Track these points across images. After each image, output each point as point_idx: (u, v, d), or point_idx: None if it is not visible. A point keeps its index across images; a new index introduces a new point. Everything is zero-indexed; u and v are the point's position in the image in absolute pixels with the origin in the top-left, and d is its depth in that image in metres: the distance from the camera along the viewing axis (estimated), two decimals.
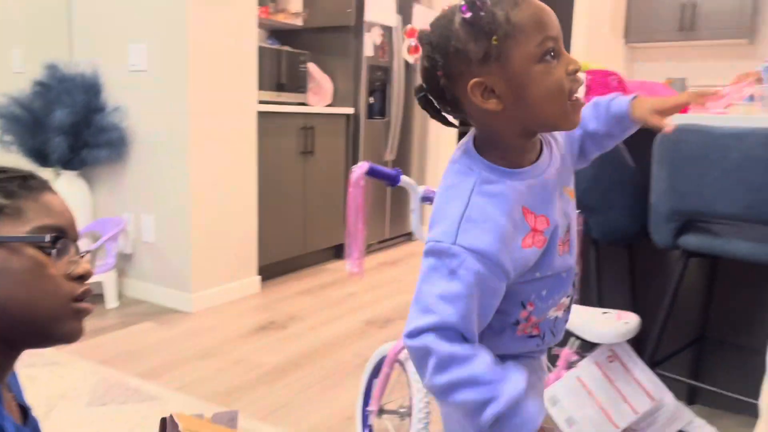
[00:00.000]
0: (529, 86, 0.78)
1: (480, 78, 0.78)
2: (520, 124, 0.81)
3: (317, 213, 3.76)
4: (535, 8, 0.79)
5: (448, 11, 0.82)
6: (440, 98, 0.85)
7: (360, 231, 1.38)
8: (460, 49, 0.78)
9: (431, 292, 0.80)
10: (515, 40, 0.77)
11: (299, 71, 3.72)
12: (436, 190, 0.93)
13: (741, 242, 1.56)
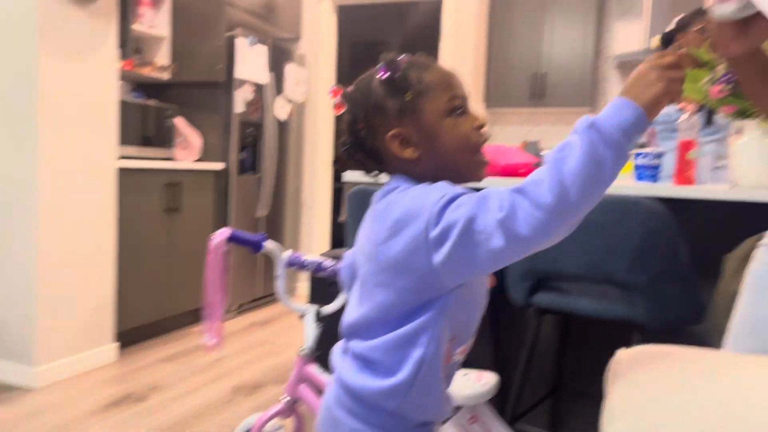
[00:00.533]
0: (441, 137, 0.89)
1: (397, 129, 0.89)
2: (433, 171, 0.89)
3: (183, 273, 3.59)
4: (444, 72, 0.93)
5: (369, 72, 0.94)
6: (362, 150, 0.94)
7: (219, 301, 1.33)
8: (379, 105, 0.90)
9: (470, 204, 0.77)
10: (427, 96, 0.89)
11: (165, 126, 3.60)
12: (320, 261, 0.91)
13: (585, 300, 1.68)
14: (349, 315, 0.95)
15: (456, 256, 0.78)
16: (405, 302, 0.86)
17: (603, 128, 0.72)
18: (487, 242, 0.75)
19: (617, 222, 1.54)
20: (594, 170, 0.71)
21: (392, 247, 0.84)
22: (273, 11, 4.33)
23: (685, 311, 1.62)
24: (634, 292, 1.58)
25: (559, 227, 0.74)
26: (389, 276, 0.86)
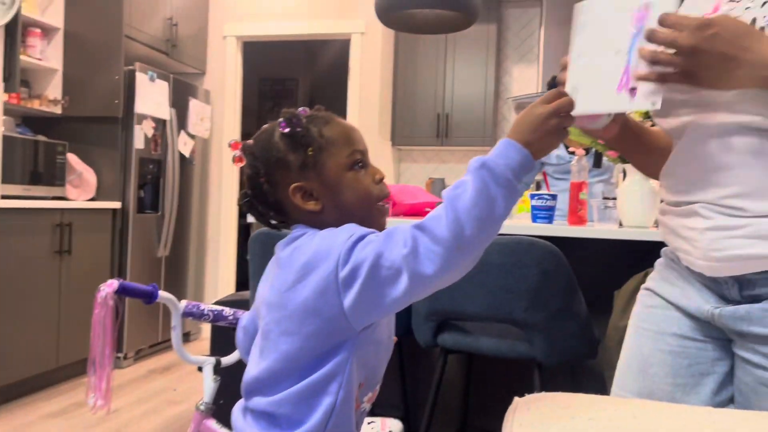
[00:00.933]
0: (342, 190, 0.91)
1: (300, 183, 0.90)
2: (337, 223, 0.89)
3: (76, 319, 3.34)
4: (344, 126, 0.95)
5: (269, 126, 0.95)
6: (263, 203, 0.95)
7: (107, 357, 1.24)
8: (281, 159, 0.91)
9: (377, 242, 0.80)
10: (328, 151, 0.91)
11: (57, 163, 3.39)
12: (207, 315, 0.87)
13: (486, 339, 1.72)
14: (250, 372, 0.92)
15: (365, 295, 0.79)
16: (312, 348, 0.85)
17: (493, 168, 0.77)
18: (393, 279, 0.77)
19: (515, 263, 1.59)
20: (486, 207, 0.76)
21: (300, 292, 0.83)
22: (176, 46, 4.22)
23: (581, 347, 1.69)
24: (532, 330, 1.63)
25: (458, 263, 0.77)
26: (296, 322, 0.85)
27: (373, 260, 0.78)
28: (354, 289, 0.80)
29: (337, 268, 0.80)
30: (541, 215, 1.96)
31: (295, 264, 0.85)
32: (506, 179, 0.77)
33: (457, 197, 0.76)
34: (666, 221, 0.97)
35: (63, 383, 3.32)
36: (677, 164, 0.94)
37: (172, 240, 4.11)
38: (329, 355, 0.84)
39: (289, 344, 0.85)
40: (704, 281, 0.93)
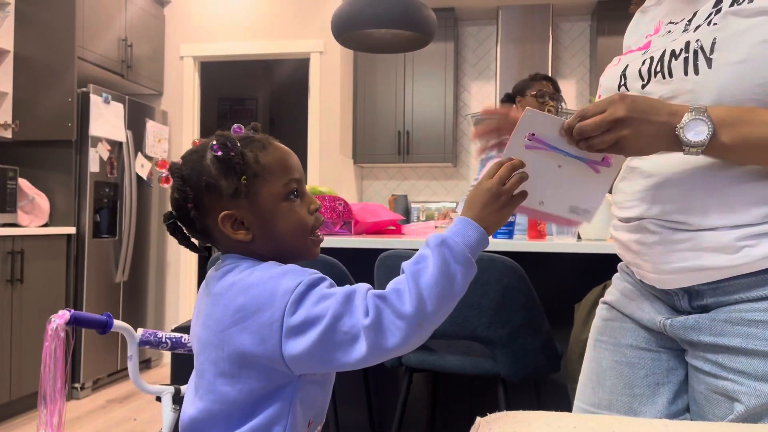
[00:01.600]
0: (276, 221, 0.86)
1: (230, 211, 0.85)
2: (267, 253, 0.87)
3: (30, 351, 3.22)
4: (282, 152, 0.89)
5: (200, 147, 0.88)
6: (190, 226, 0.89)
7: (59, 391, 1.19)
8: (212, 184, 0.85)
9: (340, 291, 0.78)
10: (263, 179, 0.85)
11: (7, 188, 3.28)
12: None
13: (451, 356, 1.71)
14: (186, 411, 0.87)
15: (313, 352, 0.76)
16: (251, 392, 0.80)
17: (452, 246, 0.78)
18: (349, 345, 0.75)
19: (476, 280, 1.58)
20: (447, 284, 0.77)
21: (237, 336, 0.79)
22: (131, 67, 4.16)
23: (543, 362, 1.70)
24: (496, 347, 1.63)
25: (418, 337, 0.77)
26: (233, 366, 0.80)
27: (329, 321, 0.75)
28: (301, 343, 0.76)
29: (283, 317, 0.76)
30: (501, 231, 1.98)
31: (230, 304, 0.80)
32: (465, 257, 0.79)
33: (419, 273, 0.76)
34: (618, 236, 0.99)
35: (17, 417, 3.19)
36: (625, 180, 0.97)
37: (131, 265, 4.01)
38: (270, 398, 0.81)
39: (227, 386, 0.81)
40: (657, 293, 0.95)
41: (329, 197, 2.38)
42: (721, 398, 0.86)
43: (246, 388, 0.80)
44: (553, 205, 0.92)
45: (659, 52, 0.90)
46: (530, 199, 0.90)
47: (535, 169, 0.89)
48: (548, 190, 0.91)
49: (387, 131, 4.83)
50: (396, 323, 0.74)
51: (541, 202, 0.92)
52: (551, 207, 0.92)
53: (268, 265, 0.83)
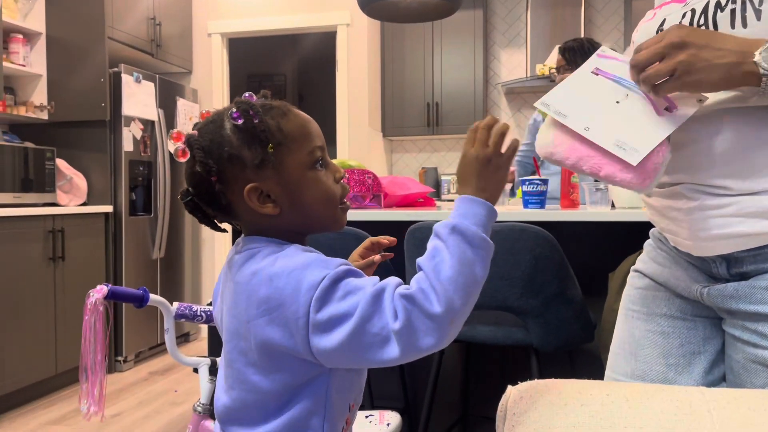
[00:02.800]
0: (304, 192, 0.82)
1: (256, 183, 0.80)
2: (294, 226, 0.84)
3: (73, 326, 3.33)
4: (303, 119, 0.84)
5: (216, 117, 0.83)
6: (211, 202, 0.84)
7: (99, 364, 1.23)
8: (234, 155, 0.79)
9: (367, 288, 0.73)
10: (288, 148, 0.81)
11: (46, 169, 3.37)
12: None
13: (482, 327, 1.71)
14: (220, 398, 0.85)
15: (343, 350, 0.73)
16: (284, 383, 0.78)
17: (464, 231, 0.73)
18: (380, 347, 0.72)
19: (508, 250, 1.58)
20: (470, 273, 0.73)
21: (264, 328, 0.76)
22: (161, 46, 4.19)
23: (577, 332, 1.69)
24: (528, 317, 1.62)
25: (452, 333, 0.74)
26: (263, 357, 0.77)
27: (357, 322, 0.71)
28: (329, 340, 0.72)
29: (309, 313, 0.73)
30: (533, 201, 1.96)
31: (253, 295, 0.77)
32: (480, 239, 0.74)
33: (439, 268, 0.72)
34: (652, 203, 0.96)
35: (62, 390, 3.32)
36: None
37: (167, 241, 4.09)
38: (305, 389, 0.78)
39: (259, 376, 0.79)
40: (692, 260, 0.93)
41: (358, 171, 2.37)
42: (760, 367, 0.84)
43: (279, 377, 0.78)
44: (599, 133, 0.83)
45: (701, 4, 0.85)
46: (575, 121, 0.83)
47: (591, 92, 0.83)
48: (598, 116, 0.83)
49: (416, 103, 4.78)
50: (428, 324, 0.71)
51: (586, 127, 0.83)
52: (596, 134, 0.83)
53: (291, 251, 0.79)
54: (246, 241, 0.84)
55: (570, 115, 0.85)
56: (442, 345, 0.73)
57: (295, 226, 0.84)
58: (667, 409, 0.71)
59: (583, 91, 0.84)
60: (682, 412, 0.70)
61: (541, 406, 0.75)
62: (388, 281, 0.74)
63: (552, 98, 0.88)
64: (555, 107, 0.87)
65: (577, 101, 0.86)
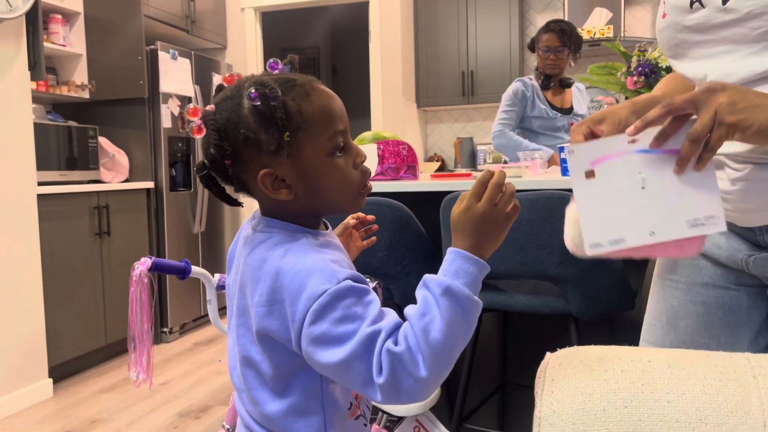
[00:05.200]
0: (320, 179, 0.79)
1: (270, 169, 0.77)
2: (308, 210, 0.82)
3: (119, 298, 3.45)
4: (326, 99, 0.79)
5: (235, 91, 0.79)
6: (225, 178, 0.82)
7: (146, 333, 1.27)
8: (250, 138, 0.76)
9: (365, 323, 0.72)
10: (307, 133, 0.77)
11: (89, 147, 3.46)
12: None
13: (520, 296, 1.70)
14: (231, 360, 0.87)
15: (327, 369, 0.74)
16: (281, 369, 0.79)
17: (457, 293, 0.72)
18: (362, 385, 0.72)
19: (545, 218, 1.56)
20: (457, 335, 0.72)
21: (265, 318, 0.76)
22: (195, 22, 4.22)
23: (617, 300, 1.67)
24: (566, 285, 1.61)
25: (435, 388, 0.73)
26: (261, 340, 0.79)
27: (345, 357, 0.71)
28: (317, 354, 0.73)
29: (304, 320, 0.72)
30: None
31: (260, 283, 0.77)
32: (472, 302, 0.73)
33: (428, 330, 0.70)
34: None
35: (112, 360, 3.45)
36: None
37: (207, 216, 4.17)
38: (299, 376, 0.79)
39: (259, 357, 0.80)
40: (735, 229, 0.90)
41: (393, 142, 2.36)
42: None
43: (275, 362, 0.79)
44: (666, 228, 0.76)
45: None
46: (635, 235, 0.77)
47: (612, 197, 0.76)
48: (648, 216, 0.76)
49: (450, 72, 4.71)
50: (411, 384, 0.71)
51: (652, 233, 0.76)
52: (665, 232, 0.76)
53: (301, 247, 0.78)
54: (261, 221, 0.83)
55: (624, 236, 0.78)
56: (424, 398, 0.74)
57: (309, 211, 0.83)
58: (711, 375, 0.70)
59: (605, 201, 0.77)
60: (726, 378, 0.69)
61: (580, 372, 0.74)
62: (382, 324, 0.72)
63: (592, 233, 0.81)
64: (605, 238, 0.80)
65: (612, 216, 0.78)
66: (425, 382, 0.71)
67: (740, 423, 0.65)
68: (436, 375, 0.71)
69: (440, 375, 0.72)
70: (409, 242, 1.86)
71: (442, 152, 5.15)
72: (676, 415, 0.67)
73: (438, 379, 0.72)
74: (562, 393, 0.73)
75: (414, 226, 1.86)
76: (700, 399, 0.67)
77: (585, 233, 0.81)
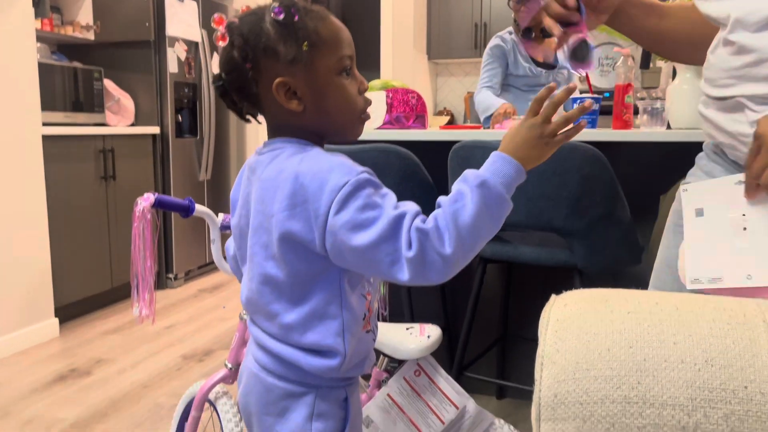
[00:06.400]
0: (328, 95, 0.85)
1: (285, 78, 0.83)
2: (314, 127, 0.87)
3: (124, 242, 3.46)
4: (338, 26, 0.87)
5: (257, 10, 0.86)
6: (240, 90, 0.87)
7: (148, 269, 1.27)
8: (270, 48, 0.83)
9: (387, 208, 0.78)
10: (320, 51, 0.83)
11: (94, 89, 3.41)
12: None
13: (526, 247, 1.69)
14: (244, 291, 0.92)
15: (354, 258, 0.78)
16: (298, 275, 0.83)
17: (491, 188, 0.78)
18: (390, 266, 0.77)
19: (555, 170, 1.53)
20: (485, 224, 0.78)
21: (287, 221, 0.81)
22: None
23: (623, 254, 1.65)
24: (573, 238, 1.59)
25: (457, 270, 0.80)
26: (282, 247, 0.82)
27: (374, 239, 0.76)
28: (343, 243, 0.78)
29: (328, 213, 0.77)
30: (585, 118, 1.88)
31: (280, 190, 0.81)
32: (503, 201, 0.79)
33: (458, 214, 0.77)
34: (709, 115, 0.90)
35: (118, 303, 3.49)
36: (719, 54, 0.86)
37: (213, 164, 4.15)
38: (319, 281, 0.84)
39: (276, 269, 0.84)
40: None
41: (402, 90, 2.32)
42: None
43: (295, 269, 0.83)
44: (763, 273, 0.76)
45: None
46: (733, 276, 0.77)
47: (721, 239, 0.77)
48: (747, 258, 0.77)
49: (463, 24, 4.60)
50: (437, 261, 0.76)
51: (749, 276, 0.77)
52: (762, 277, 0.76)
53: (315, 153, 0.83)
54: (268, 144, 0.89)
55: (722, 275, 0.79)
56: (447, 278, 0.80)
57: (314, 128, 0.87)
58: (720, 318, 0.69)
59: (710, 239, 0.78)
60: (735, 322, 0.68)
61: (586, 312, 0.73)
62: (407, 208, 0.78)
63: (695, 269, 0.83)
64: (705, 276, 0.81)
65: (715, 255, 0.79)
66: (449, 260, 0.76)
67: (747, 366, 0.64)
68: (459, 255, 0.77)
69: (463, 257, 0.78)
70: (416, 191, 1.84)
71: (451, 107, 5.08)
72: (681, 356, 0.66)
73: (460, 260, 0.78)
74: (566, 332, 0.72)
75: (421, 175, 1.84)
76: (706, 341, 0.66)
77: (687, 268, 0.84)
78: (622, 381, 0.66)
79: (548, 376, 0.70)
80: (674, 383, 0.65)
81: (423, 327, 1.40)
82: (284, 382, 0.87)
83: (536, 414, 0.70)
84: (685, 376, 0.65)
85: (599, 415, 0.67)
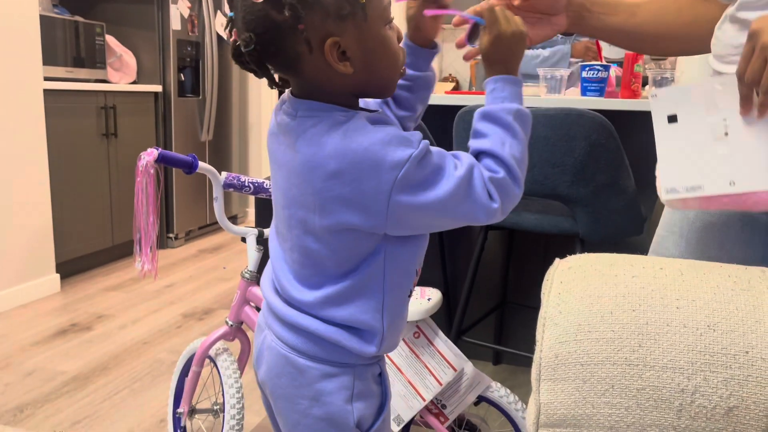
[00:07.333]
0: (379, 51, 0.75)
1: (338, 38, 0.71)
2: (355, 88, 0.77)
3: (126, 200, 3.46)
4: None
5: None
6: (276, 53, 0.74)
7: (151, 225, 1.27)
8: (318, 1, 0.70)
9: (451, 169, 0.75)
10: (373, 1, 0.73)
11: (96, 45, 3.36)
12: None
13: (528, 214, 1.69)
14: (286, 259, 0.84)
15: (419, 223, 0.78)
16: (343, 256, 0.78)
17: (524, 114, 0.81)
18: (473, 218, 0.78)
19: (561, 136, 1.52)
20: (526, 146, 0.82)
21: (330, 204, 0.74)
22: None
23: (626, 223, 1.65)
24: (576, 205, 1.59)
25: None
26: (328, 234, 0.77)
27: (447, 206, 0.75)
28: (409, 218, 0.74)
29: (391, 190, 0.71)
30: (592, 88, 1.85)
31: (321, 167, 0.73)
32: (529, 116, 0.82)
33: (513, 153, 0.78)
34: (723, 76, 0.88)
35: (119, 260, 3.50)
36: (726, 30, 0.84)
37: (215, 124, 4.12)
38: (363, 261, 0.79)
39: (317, 245, 0.78)
40: None
41: None
42: None
43: (338, 251, 0.78)
44: (747, 179, 0.73)
45: None
46: (714, 184, 0.73)
47: (692, 143, 0.73)
48: (729, 165, 0.73)
49: None
50: (513, 202, 0.80)
51: (731, 182, 0.74)
52: (746, 183, 0.73)
53: (359, 123, 0.73)
54: (299, 105, 0.77)
55: (702, 183, 0.75)
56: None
57: (355, 88, 0.77)
58: (724, 284, 0.69)
59: (686, 147, 0.75)
60: (739, 288, 0.68)
61: (590, 275, 0.73)
62: (469, 162, 0.76)
63: (670, 178, 0.78)
64: (682, 184, 0.77)
65: (692, 162, 0.75)
66: (518, 198, 0.80)
67: (749, 331, 0.64)
68: (522, 189, 0.80)
69: (523, 188, 0.82)
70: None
71: (457, 74, 5.01)
72: (684, 320, 0.66)
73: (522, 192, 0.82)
74: (569, 295, 0.72)
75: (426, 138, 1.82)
76: (710, 306, 0.66)
77: (662, 178, 0.80)
78: (623, 343, 0.67)
79: (550, 336, 0.71)
80: (675, 347, 0.65)
81: (423, 290, 1.41)
82: (318, 363, 0.82)
83: (536, 374, 0.70)
84: (686, 340, 0.65)
85: (599, 377, 0.67)
